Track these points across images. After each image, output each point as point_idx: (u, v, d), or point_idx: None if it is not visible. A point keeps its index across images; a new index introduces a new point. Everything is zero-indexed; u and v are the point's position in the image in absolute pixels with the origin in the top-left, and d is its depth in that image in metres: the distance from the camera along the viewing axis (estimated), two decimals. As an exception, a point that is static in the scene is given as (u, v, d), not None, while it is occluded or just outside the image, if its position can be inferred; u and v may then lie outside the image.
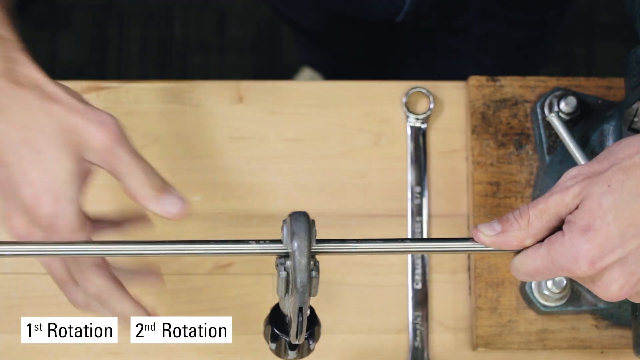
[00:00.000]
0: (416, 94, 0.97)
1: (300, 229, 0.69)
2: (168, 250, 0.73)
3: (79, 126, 0.70)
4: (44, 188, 0.69)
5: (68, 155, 0.70)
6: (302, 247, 0.69)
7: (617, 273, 0.67)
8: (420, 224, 0.95)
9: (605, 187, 0.67)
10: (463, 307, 0.93)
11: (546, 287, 0.88)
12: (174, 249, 0.73)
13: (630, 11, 0.80)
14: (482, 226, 0.71)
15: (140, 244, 0.73)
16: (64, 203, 0.70)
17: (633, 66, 0.79)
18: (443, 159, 0.96)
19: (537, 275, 0.70)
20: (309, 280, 0.70)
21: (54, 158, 0.69)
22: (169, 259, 0.93)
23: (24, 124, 0.70)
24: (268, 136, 0.96)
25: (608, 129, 0.84)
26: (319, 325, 0.76)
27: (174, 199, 0.73)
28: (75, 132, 0.70)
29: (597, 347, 0.91)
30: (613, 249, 0.66)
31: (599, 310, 0.90)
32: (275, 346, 0.76)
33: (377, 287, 0.94)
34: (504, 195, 0.93)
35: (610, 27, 2.02)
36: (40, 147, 0.69)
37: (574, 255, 0.67)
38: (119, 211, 0.82)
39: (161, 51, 1.99)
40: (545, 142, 0.93)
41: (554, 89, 0.93)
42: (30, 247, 0.72)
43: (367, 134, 0.97)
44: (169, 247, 0.73)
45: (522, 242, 0.70)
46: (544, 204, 0.69)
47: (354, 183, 0.96)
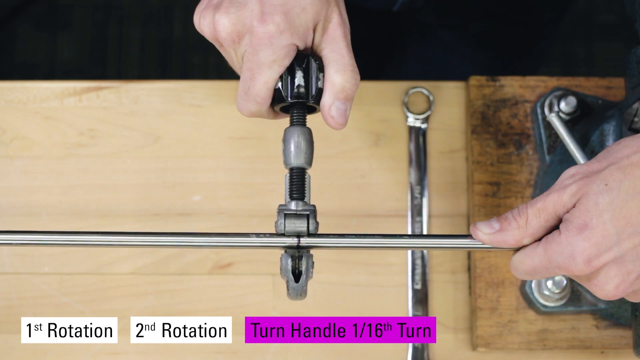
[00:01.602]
0: (416, 94, 0.97)
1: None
2: (169, 242, 0.74)
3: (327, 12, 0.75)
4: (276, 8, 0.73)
5: (312, 19, 0.74)
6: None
7: (613, 272, 0.67)
8: (420, 224, 0.95)
9: (602, 185, 0.67)
10: (463, 307, 0.93)
11: (546, 287, 0.88)
12: (175, 241, 0.74)
13: (630, 11, 0.80)
14: (480, 224, 0.71)
15: (142, 236, 0.74)
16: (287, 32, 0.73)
17: (633, 66, 0.79)
18: (443, 159, 0.96)
19: (535, 274, 0.70)
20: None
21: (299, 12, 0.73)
22: (169, 259, 0.93)
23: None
24: (268, 136, 0.96)
25: (608, 129, 0.84)
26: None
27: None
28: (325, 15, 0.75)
29: (597, 347, 0.91)
30: (609, 247, 0.67)
31: (599, 310, 0.90)
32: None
33: (377, 287, 0.94)
34: (504, 195, 0.93)
35: (610, 27, 2.02)
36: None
37: (571, 253, 0.67)
38: None
39: (161, 51, 1.99)
40: (545, 142, 0.93)
41: (554, 89, 0.93)
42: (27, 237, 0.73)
43: (367, 134, 0.97)
44: (170, 239, 0.74)
45: (520, 240, 0.70)
46: (542, 203, 0.69)
47: (354, 183, 0.96)
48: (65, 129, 0.96)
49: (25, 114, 0.97)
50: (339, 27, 0.76)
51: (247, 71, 0.75)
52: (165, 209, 0.94)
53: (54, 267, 0.93)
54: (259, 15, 0.73)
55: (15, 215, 0.94)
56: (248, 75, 0.75)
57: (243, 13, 0.73)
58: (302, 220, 0.74)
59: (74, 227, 0.94)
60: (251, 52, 0.74)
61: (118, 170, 0.96)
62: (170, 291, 0.93)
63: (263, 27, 0.73)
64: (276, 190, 0.95)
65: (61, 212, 0.94)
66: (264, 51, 0.74)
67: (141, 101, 0.97)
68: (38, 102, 0.97)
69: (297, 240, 0.73)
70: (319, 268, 0.78)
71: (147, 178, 0.95)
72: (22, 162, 0.96)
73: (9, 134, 0.96)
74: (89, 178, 0.95)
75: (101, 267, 0.93)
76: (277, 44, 0.73)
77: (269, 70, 0.74)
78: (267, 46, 0.73)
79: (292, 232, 0.73)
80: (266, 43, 0.73)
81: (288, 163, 0.77)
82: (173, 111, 0.97)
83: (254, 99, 0.76)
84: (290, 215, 0.74)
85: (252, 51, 0.74)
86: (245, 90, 0.76)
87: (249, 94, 0.76)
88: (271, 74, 0.74)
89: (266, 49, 0.73)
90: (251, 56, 0.74)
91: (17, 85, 0.97)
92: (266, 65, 0.74)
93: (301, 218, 0.74)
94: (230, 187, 0.95)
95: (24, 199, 0.95)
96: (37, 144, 0.96)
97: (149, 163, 0.96)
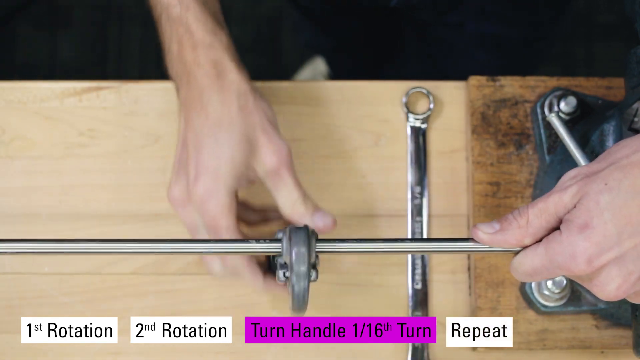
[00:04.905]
0: (416, 94, 0.97)
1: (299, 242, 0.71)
2: (168, 249, 0.74)
3: (260, 142, 0.82)
4: (207, 170, 0.80)
5: (240, 157, 0.81)
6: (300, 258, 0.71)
7: (614, 272, 0.67)
8: (420, 224, 0.95)
9: (602, 185, 0.67)
10: (463, 307, 0.93)
11: (546, 287, 0.88)
12: (175, 248, 0.74)
13: (630, 11, 0.80)
14: (481, 225, 0.71)
15: (141, 242, 0.74)
16: (219, 185, 0.80)
17: (633, 66, 0.79)
18: (443, 159, 0.96)
19: (535, 275, 0.70)
20: (307, 289, 0.72)
21: (227, 153, 0.80)
22: (169, 259, 0.94)
23: (219, 121, 0.81)
24: (268, 136, 0.96)
25: (608, 129, 0.84)
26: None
27: (323, 216, 0.83)
28: (255, 146, 0.82)
29: (597, 347, 0.91)
30: (610, 247, 0.67)
31: (599, 310, 0.90)
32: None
33: (377, 287, 0.94)
34: (504, 195, 0.93)
35: (610, 27, 2.02)
36: (222, 141, 0.81)
37: (572, 253, 0.67)
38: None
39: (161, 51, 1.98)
40: (545, 142, 0.93)
41: (554, 89, 0.93)
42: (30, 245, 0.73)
43: (367, 134, 0.97)
44: (170, 246, 0.74)
45: (520, 240, 0.70)
46: (543, 204, 0.69)
47: (354, 183, 0.96)
48: (65, 129, 0.96)
49: (25, 114, 0.96)
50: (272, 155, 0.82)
51: (209, 228, 0.82)
52: (166, 209, 0.94)
53: (54, 267, 0.93)
54: (193, 177, 0.81)
55: (15, 215, 0.94)
56: (212, 232, 0.82)
57: (186, 179, 0.82)
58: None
59: (73, 228, 0.94)
60: (200, 209, 0.81)
61: (118, 170, 0.96)
62: (170, 291, 0.93)
63: (196, 185, 0.81)
64: (276, 190, 0.95)
65: (61, 212, 0.94)
66: (209, 203, 0.80)
67: (141, 101, 0.97)
68: (38, 102, 0.97)
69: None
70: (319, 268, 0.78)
71: (147, 178, 0.95)
72: (22, 162, 0.96)
73: (9, 134, 0.96)
74: (89, 178, 0.95)
75: (101, 267, 0.93)
76: (216, 191, 0.80)
77: (224, 217, 0.81)
78: (209, 198, 0.80)
79: None
80: (207, 197, 0.80)
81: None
82: (173, 111, 0.97)
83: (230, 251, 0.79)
84: None
85: (200, 208, 0.81)
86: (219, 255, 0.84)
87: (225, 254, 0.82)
88: (228, 218, 0.81)
89: (210, 200, 0.80)
90: (202, 212, 0.81)
91: (17, 85, 0.97)
92: (218, 213, 0.80)
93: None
94: (230, 187, 0.95)
95: (24, 199, 0.95)
96: (37, 144, 0.96)
97: (149, 163, 0.96)
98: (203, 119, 0.81)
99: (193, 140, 0.82)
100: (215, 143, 0.81)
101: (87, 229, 0.94)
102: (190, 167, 0.81)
